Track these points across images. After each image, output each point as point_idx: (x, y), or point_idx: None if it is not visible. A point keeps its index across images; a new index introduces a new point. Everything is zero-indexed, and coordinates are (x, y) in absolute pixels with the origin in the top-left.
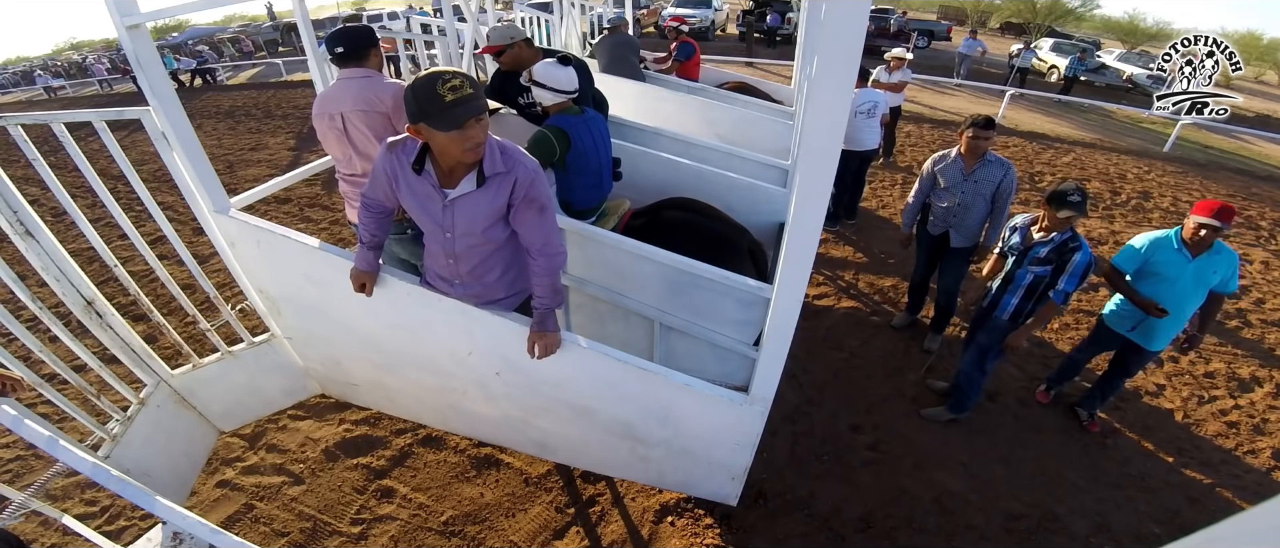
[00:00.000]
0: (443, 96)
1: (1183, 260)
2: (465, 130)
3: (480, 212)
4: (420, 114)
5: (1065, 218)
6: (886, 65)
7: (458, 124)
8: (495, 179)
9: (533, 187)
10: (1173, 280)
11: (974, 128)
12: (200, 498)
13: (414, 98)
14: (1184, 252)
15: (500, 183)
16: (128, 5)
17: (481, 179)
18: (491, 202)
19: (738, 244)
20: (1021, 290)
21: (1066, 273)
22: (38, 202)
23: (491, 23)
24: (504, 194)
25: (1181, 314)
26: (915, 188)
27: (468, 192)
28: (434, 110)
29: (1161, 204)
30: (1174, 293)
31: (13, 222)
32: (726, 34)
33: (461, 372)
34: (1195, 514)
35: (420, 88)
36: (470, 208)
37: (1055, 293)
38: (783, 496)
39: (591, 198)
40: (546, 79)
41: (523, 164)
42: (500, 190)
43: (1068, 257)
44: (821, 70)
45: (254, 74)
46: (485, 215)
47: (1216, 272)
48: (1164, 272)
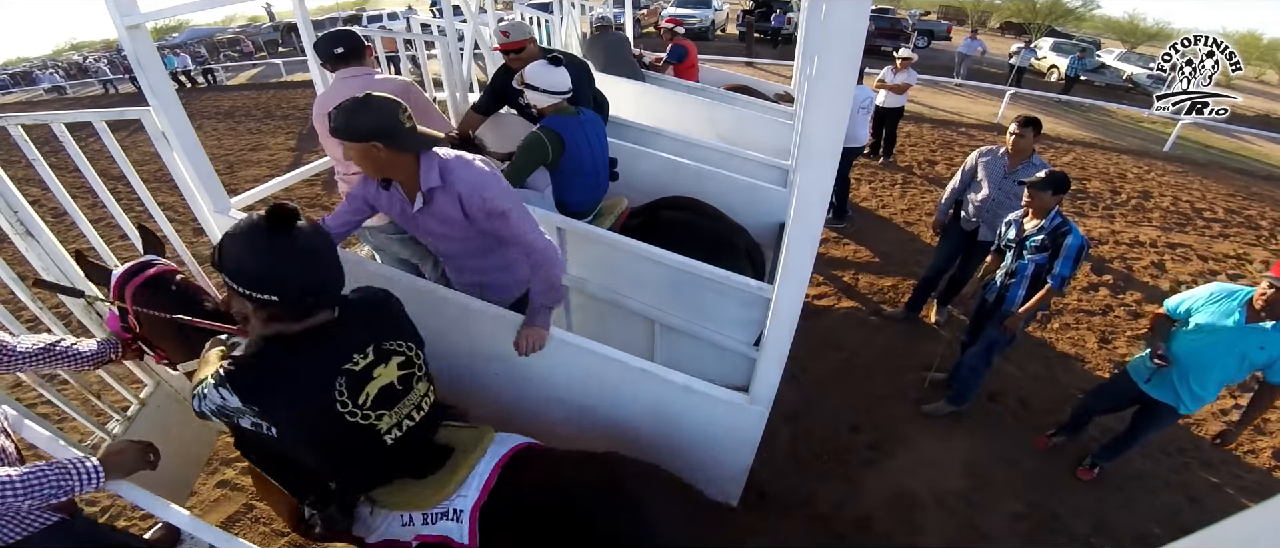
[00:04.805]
0: (333, 116)
1: (1227, 317)
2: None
3: (442, 223)
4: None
5: (1043, 198)
6: (893, 66)
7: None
8: (435, 195)
9: (484, 200)
10: (1209, 332)
11: (1015, 125)
12: (200, 498)
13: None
14: (1240, 312)
15: (444, 198)
16: (128, 5)
17: (428, 198)
18: (447, 214)
19: (735, 245)
20: (1026, 280)
21: (1061, 257)
22: (38, 202)
23: (492, 22)
24: (455, 208)
25: (1204, 377)
26: (956, 177)
27: (421, 207)
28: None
29: (1162, 204)
30: (1205, 349)
31: (13, 222)
32: (726, 34)
33: (460, 368)
34: (1195, 514)
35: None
36: (431, 222)
37: (1052, 277)
38: (783, 496)
39: (588, 198)
40: (538, 81)
41: (463, 178)
42: (450, 205)
43: (1060, 240)
44: (822, 70)
45: (254, 74)
46: (449, 225)
47: (1265, 347)
48: (1207, 320)
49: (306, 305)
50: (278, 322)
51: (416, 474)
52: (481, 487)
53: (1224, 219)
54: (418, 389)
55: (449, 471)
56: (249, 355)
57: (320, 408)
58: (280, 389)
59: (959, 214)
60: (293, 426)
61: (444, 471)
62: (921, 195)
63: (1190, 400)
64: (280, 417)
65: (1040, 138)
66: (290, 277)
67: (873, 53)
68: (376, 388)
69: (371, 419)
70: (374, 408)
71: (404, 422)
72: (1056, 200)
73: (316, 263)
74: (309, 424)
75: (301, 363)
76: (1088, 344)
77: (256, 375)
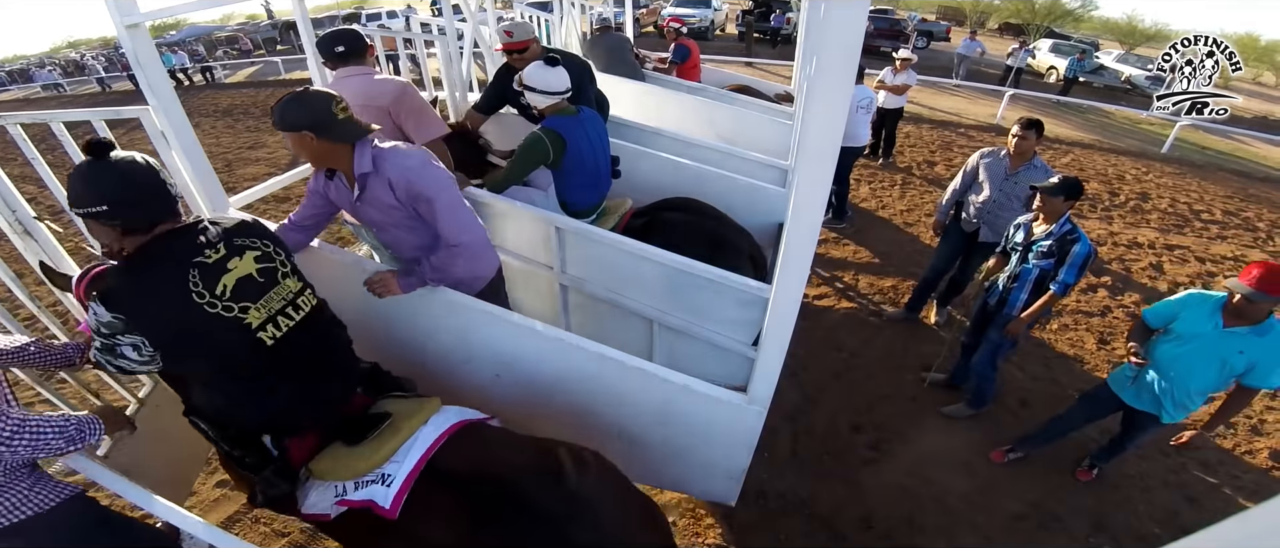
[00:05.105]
0: (271, 111)
1: (1205, 324)
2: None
3: (379, 210)
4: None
5: (1056, 204)
6: (892, 66)
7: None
8: (367, 181)
9: (412, 184)
10: (1187, 340)
11: (1017, 127)
12: (200, 498)
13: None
14: (1217, 317)
15: (376, 184)
16: (127, 4)
17: (362, 185)
18: (382, 200)
19: (739, 247)
20: (1029, 285)
21: (1066, 264)
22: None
23: (491, 22)
24: (388, 193)
25: (1185, 386)
26: (957, 178)
27: (360, 194)
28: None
29: (1160, 205)
30: (1184, 357)
31: (11, 221)
32: (726, 34)
33: (460, 374)
34: (1195, 514)
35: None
36: (369, 210)
37: (1056, 284)
38: (783, 496)
39: (589, 197)
40: (536, 82)
41: (393, 163)
42: (383, 189)
43: (1067, 248)
44: (821, 70)
45: (252, 73)
46: (386, 212)
47: (1244, 351)
48: (1185, 328)
49: (137, 212)
50: (128, 236)
51: (349, 440)
52: (420, 457)
53: (1222, 221)
54: (286, 285)
55: (386, 436)
56: (111, 268)
57: (178, 300)
58: (138, 288)
59: (959, 215)
60: (161, 328)
61: (378, 435)
62: (921, 196)
63: (1173, 409)
64: (147, 322)
65: (1041, 140)
66: (112, 189)
67: (872, 53)
68: (233, 279)
69: (236, 312)
70: (236, 300)
71: (279, 320)
72: (1068, 206)
73: (133, 175)
74: (174, 322)
75: (155, 264)
76: (1087, 345)
77: (116, 280)
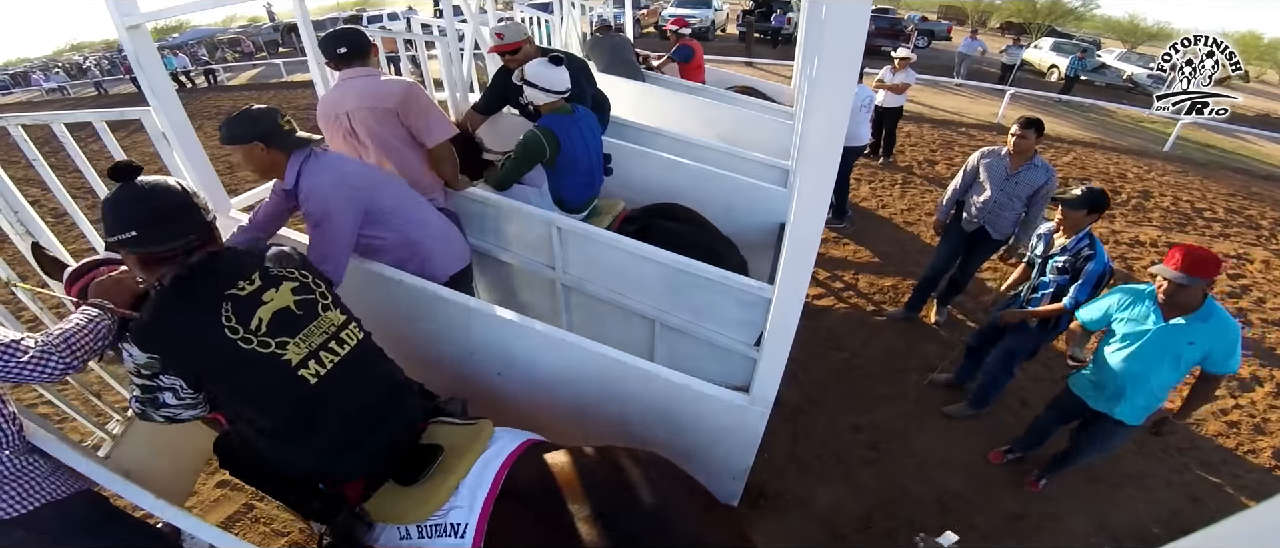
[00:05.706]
0: (220, 128)
1: (1145, 321)
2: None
3: (308, 221)
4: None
5: (1077, 217)
6: (891, 66)
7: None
8: (297, 190)
9: (304, 203)
10: (1134, 340)
11: (1017, 127)
12: (200, 498)
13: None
14: (1155, 312)
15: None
16: (128, 6)
17: (294, 194)
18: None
19: (728, 261)
20: (1047, 299)
21: (1079, 280)
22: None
23: (492, 22)
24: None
25: (1143, 386)
26: (957, 177)
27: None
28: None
29: (1162, 204)
30: (1135, 357)
31: (13, 222)
32: (726, 34)
33: (463, 372)
34: (1195, 514)
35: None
36: (307, 221)
37: (1068, 299)
38: (783, 496)
39: (583, 195)
40: (538, 79)
41: (304, 181)
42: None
43: (1081, 264)
44: (822, 70)
45: (254, 75)
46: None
47: (1194, 342)
48: (1128, 328)
49: (167, 232)
50: (158, 265)
51: (402, 479)
52: (485, 498)
53: (1224, 219)
54: (328, 317)
55: (439, 475)
56: (143, 308)
57: (212, 336)
58: (170, 323)
59: (960, 214)
60: (195, 367)
61: (433, 475)
62: (921, 195)
63: (1132, 412)
64: (180, 361)
65: (1041, 139)
66: (140, 212)
67: (873, 53)
68: (269, 312)
69: (272, 347)
70: (272, 335)
71: (323, 355)
72: (1092, 220)
73: (159, 194)
74: (208, 360)
75: (187, 298)
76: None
77: (148, 318)
